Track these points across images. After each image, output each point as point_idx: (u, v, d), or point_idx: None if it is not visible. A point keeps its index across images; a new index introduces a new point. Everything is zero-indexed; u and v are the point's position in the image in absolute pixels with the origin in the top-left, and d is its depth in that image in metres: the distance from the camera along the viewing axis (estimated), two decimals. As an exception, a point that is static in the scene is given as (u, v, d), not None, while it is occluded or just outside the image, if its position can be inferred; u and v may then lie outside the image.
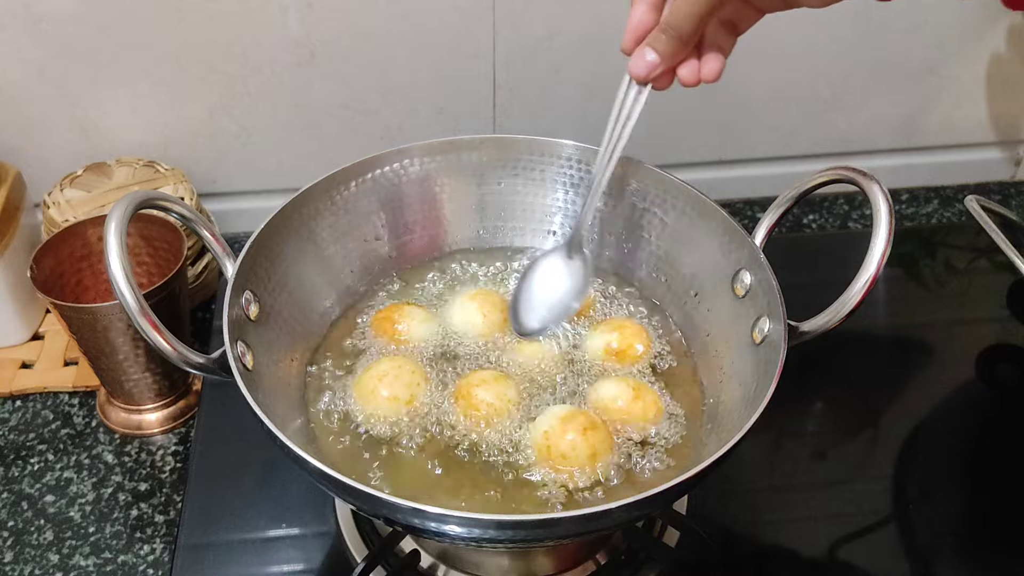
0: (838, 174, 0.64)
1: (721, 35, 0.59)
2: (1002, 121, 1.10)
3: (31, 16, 0.85)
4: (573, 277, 0.69)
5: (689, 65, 0.59)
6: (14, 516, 0.75)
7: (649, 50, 0.57)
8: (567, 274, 0.69)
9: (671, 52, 0.57)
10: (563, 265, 0.70)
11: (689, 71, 0.59)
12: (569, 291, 0.69)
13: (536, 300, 0.70)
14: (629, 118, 0.62)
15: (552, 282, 0.70)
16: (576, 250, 0.69)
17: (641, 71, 0.58)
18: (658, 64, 0.58)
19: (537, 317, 0.69)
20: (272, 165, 0.99)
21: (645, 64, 0.58)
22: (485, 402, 0.64)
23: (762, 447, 0.78)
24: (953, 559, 0.73)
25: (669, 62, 0.58)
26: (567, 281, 0.69)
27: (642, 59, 0.58)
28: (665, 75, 0.59)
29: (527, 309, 0.70)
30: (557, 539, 0.58)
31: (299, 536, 0.71)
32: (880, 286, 0.94)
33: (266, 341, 0.65)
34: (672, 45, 0.57)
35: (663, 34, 0.57)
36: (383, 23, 0.90)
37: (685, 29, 0.55)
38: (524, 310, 0.70)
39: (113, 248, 0.55)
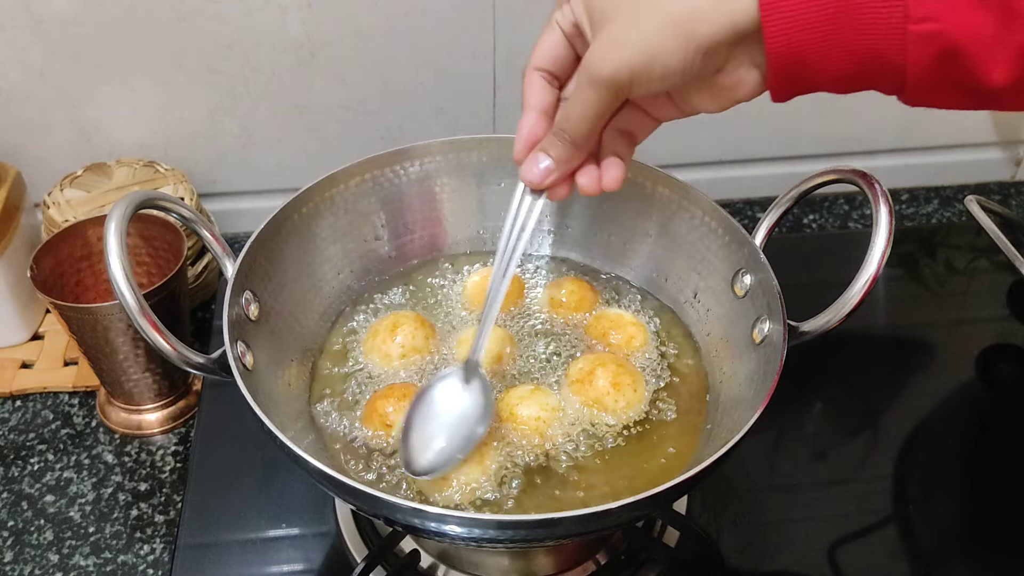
0: (838, 174, 0.64)
1: (619, 143, 0.56)
2: (1002, 121, 1.10)
3: (31, 16, 0.85)
4: (474, 401, 0.62)
5: (588, 172, 0.56)
6: (14, 516, 0.75)
7: (543, 155, 0.54)
8: (467, 399, 0.62)
9: (565, 157, 0.54)
10: (461, 390, 0.62)
11: (588, 179, 0.56)
12: (472, 416, 0.61)
13: (435, 432, 0.61)
14: (524, 228, 0.58)
15: (451, 410, 0.62)
16: (473, 373, 0.62)
17: (535, 178, 0.55)
18: (552, 170, 0.54)
19: (436, 452, 0.60)
20: (272, 165, 0.99)
21: (540, 171, 0.55)
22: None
23: (762, 447, 0.78)
24: (953, 559, 0.73)
25: (564, 168, 0.55)
26: (468, 406, 0.62)
27: (535, 165, 0.55)
28: (562, 182, 0.56)
29: (423, 445, 0.61)
30: (557, 539, 0.58)
31: (299, 536, 0.71)
32: (880, 286, 0.94)
33: (266, 341, 0.65)
34: (566, 150, 0.54)
35: (557, 138, 0.54)
36: (383, 23, 0.90)
37: (579, 133, 0.52)
38: (419, 447, 0.61)
39: (113, 248, 0.56)
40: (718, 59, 0.47)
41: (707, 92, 0.50)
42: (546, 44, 0.54)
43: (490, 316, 0.60)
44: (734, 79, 0.49)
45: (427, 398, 0.62)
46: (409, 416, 0.62)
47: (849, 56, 0.45)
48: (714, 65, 0.48)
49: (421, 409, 0.62)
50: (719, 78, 0.49)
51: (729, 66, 0.48)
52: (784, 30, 0.45)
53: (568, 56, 0.54)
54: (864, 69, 0.46)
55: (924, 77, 0.45)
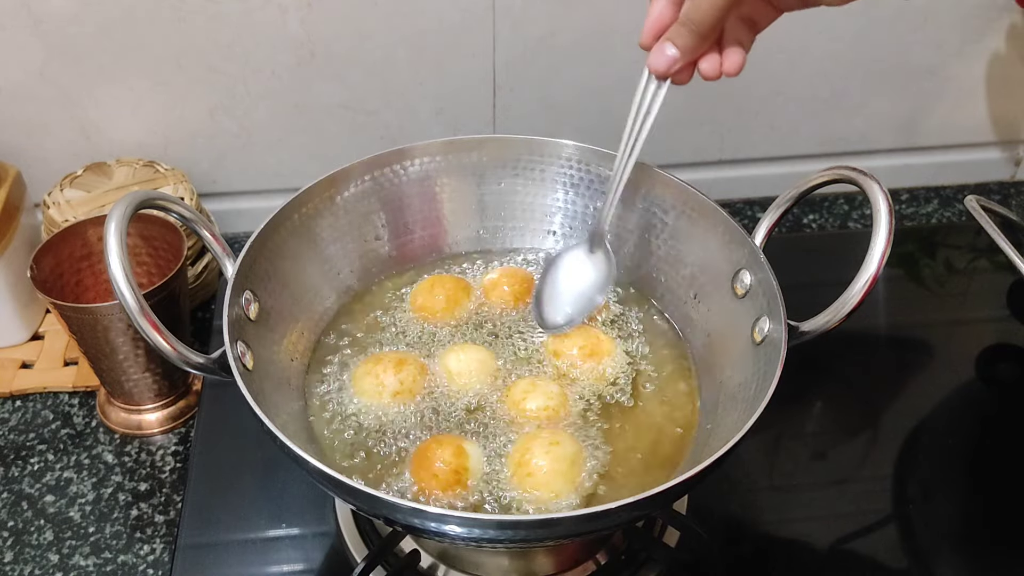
0: (838, 174, 0.64)
1: (741, 31, 0.59)
2: (1002, 121, 1.10)
3: (31, 16, 0.85)
4: (596, 271, 0.70)
5: (710, 59, 0.59)
6: (14, 516, 0.75)
7: (669, 45, 0.57)
8: (590, 268, 0.70)
9: (692, 47, 0.57)
10: (586, 259, 0.70)
11: (710, 65, 0.59)
12: (592, 284, 0.70)
13: (560, 294, 0.70)
14: (649, 113, 0.62)
15: (575, 276, 0.70)
16: (598, 244, 0.70)
17: (661, 66, 0.58)
18: (678, 59, 0.58)
19: (562, 311, 0.70)
20: (272, 165, 0.99)
21: (666, 59, 0.58)
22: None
23: (762, 447, 0.78)
24: (953, 559, 0.73)
25: (689, 56, 0.58)
26: (590, 275, 0.70)
27: (662, 54, 0.58)
28: (685, 70, 0.59)
29: (551, 303, 0.70)
30: (557, 539, 0.58)
31: (299, 536, 0.71)
32: (880, 286, 0.94)
33: (266, 341, 0.65)
34: (693, 40, 0.57)
35: (684, 28, 0.56)
36: (383, 23, 0.90)
37: (706, 24, 0.55)
38: (548, 304, 0.70)
39: (113, 248, 0.55)
40: None
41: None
42: None
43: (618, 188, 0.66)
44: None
45: (557, 264, 0.71)
46: (542, 279, 0.71)
47: None
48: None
49: (552, 274, 0.71)
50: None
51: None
52: None
53: None
54: None
55: None
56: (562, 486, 0.60)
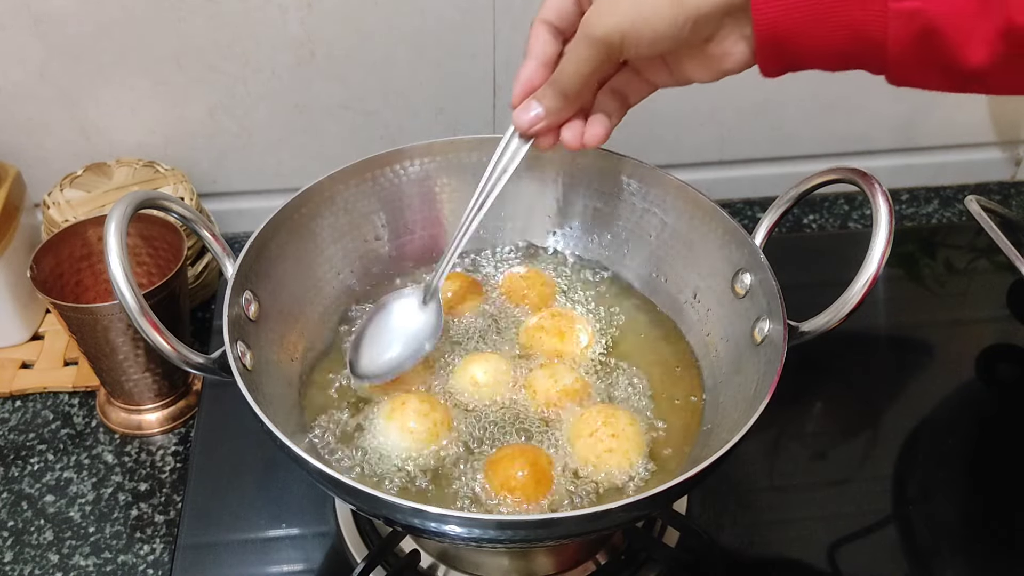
0: (838, 174, 0.64)
1: (610, 103, 0.59)
2: (1002, 121, 1.10)
3: (31, 16, 0.85)
4: (427, 320, 0.67)
5: (573, 127, 0.59)
6: (14, 516, 0.75)
7: (535, 103, 0.58)
8: (421, 316, 0.67)
9: (556, 108, 0.57)
10: (418, 308, 0.68)
11: (572, 133, 0.59)
12: (422, 331, 0.67)
13: (387, 338, 0.67)
14: (505, 171, 0.62)
15: (404, 323, 0.67)
16: (432, 297, 0.67)
17: (525, 124, 0.58)
18: (542, 118, 0.58)
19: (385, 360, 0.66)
20: (272, 165, 0.99)
21: (529, 118, 0.58)
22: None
23: (762, 447, 0.78)
24: (953, 559, 0.73)
25: (554, 117, 0.58)
26: (420, 323, 0.67)
27: (527, 112, 0.58)
28: (550, 133, 0.59)
29: (374, 352, 0.66)
30: (557, 539, 0.58)
31: (299, 536, 0.71)
32: (880, 286, 0.94)
33: (266, 341, 0.65)
34: (557, 101, 0.57)
35: (550, 89, 0.57)
36: (383, 23, 0.90)
37: (570, 86, 0.55)
38: (370, 353, 0.66)
39: (113, 248, 0.56)
40: (708, 28, 0.50)
41: (698, 60, 0.53)
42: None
43: (456, 247, 0.65)
44: (723, 49, 0.51)
45: (385, 310, 0.68)
46: (365, 324, 0.67)
47: (834, 33, 0.47)
48: (704, 34, 0.50)
49: (378, 319, 0.68)
50: (709, 47, 0.51)
51: (719, 36, 0.50)
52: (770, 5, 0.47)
53: (574, 12, 0.57)
54: (849, 47, 0.47)
55: (905, 56, 0.46)
56: (636, 451, 0.62)
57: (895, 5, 0.44)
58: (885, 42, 0.46)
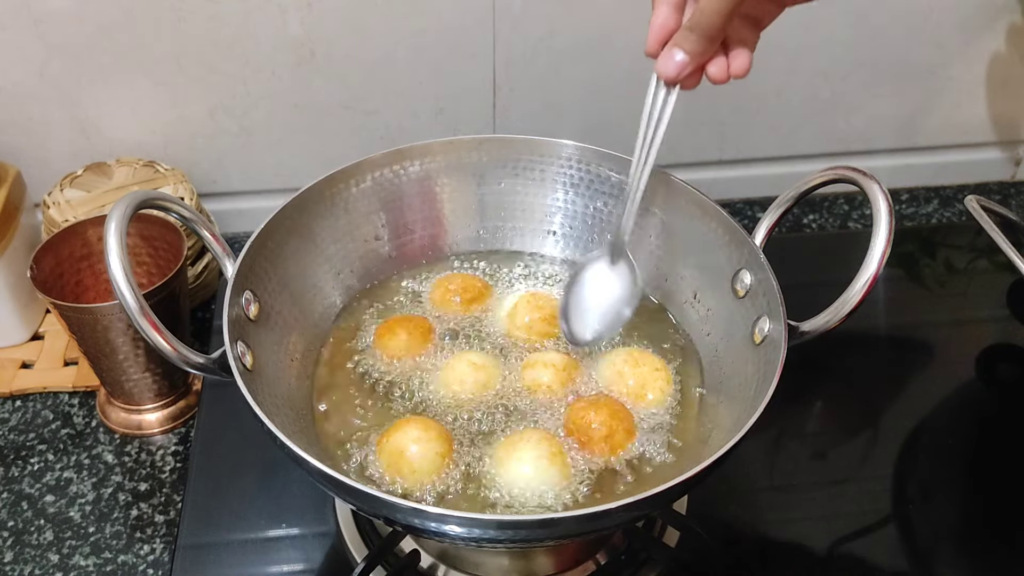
0: (838, 174, 0.64)
1: (745, 30, 0.59)
2: (1002, 121, 1.10)
3: (31, 16, 0.85)
4: (621, 283, 0.68)
5: (717, 62, 0.58)
6: (14, 516, 0.75)
7: (677, 50, 0.57)
8: (615, 281, 0.68)
9: (700, 51, 0.57)
10: (608, 271, 0.69)
11: (718, 68, 0.58)
12: (619, 298, 0.68)
13: (588, 309, 0.69)
14: (661, 120, 0.61)
15: (601, 290, 0.69)
16: (619, 255, 0.68)
17: (671, 71, 0.58)
18: (687, 64, 0.57)
19: (591, 328, 0.69)
20: (272, 165, 0.99)
21: (675, 64, 0.58)
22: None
23: (762, 447, 0.78)
24: (953, 559, 0.73)
25: (698, 61, 0.57)
26: (615, 288, 0.68)
27: (671, 59, 0.57)
28: (694, 74, 0.59)
29: (580, 320, 0.69)
30: (557, 539, 0.58)
31: (299, 536, 0.71)
32: (880, 286, 0.94)
33: (266, 341, 0.65)
34: (701, 44, 0.56)
35: (691, 32, 0.56)
36: (383, 23, 0.90)
37: (713, 27, 0.55)
38: (577, 321, 0.69)
39: (113, 248, 0.55)
40: None
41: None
42: None
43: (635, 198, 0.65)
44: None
45: (579, 280, 0.69)
46: (565, 297, 0.69)
47: None
48: None
49: (575, 291, 0.69)
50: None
51: None
52: None
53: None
54: None
55: None
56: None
57: None
58: None
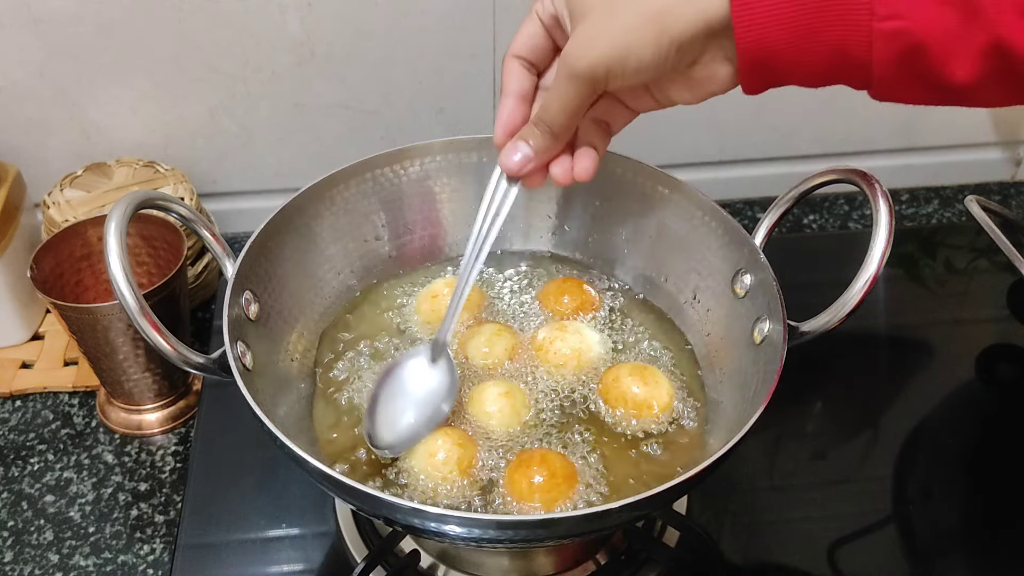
0: (838, 174, 0.64)
1: (594, 134, 0.57)
2: (1002, 121, 1.10)
3: (31, 16, 0.85)
4: (440, 381, 0.63)
5: (561, 162, 0.57)
6: (14, 516, 0.75)
7: (522, 144, 0.56)
8: (434, 378, 0.64)
9: (544, 147, 0.55)
10: (428, 368, 0.64)
11: (562, 169, 0.57)
12: (437, 393, 0.63)
13: (401, 409, 0.63)
14: (498, 214, 0.59)
15: (418, 388, 0.63)
16: (440, 353, 0.64)
17: (513, 166, 0.56)
18: (531, 159, 0.56)
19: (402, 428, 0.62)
20: (272, 165, 0.99)
21: (518, 159, 0.56)
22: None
23: (762, 447, 0.78)
24: (953, 559, 0.73)
25: (542, 157, 0.56)
26: (434, 384, 0.63)
27: (514, 153, 0.56)
28: (538, 172, 0.57)
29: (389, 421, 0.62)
30: (557, 539, 0.58)
31: (299, 536, 0.71)
32: (880, 286, 0.94)
33: (266, 341, 0.65)
34: (545, 140, 0.55)
35: (536, 128, 0.55)
36: (383, 23, 0.90)
37: (556, 123, 0.54)
38: (385, 422, 0.62)
39: (113, 248, 0.56)
40: (692, 53, 0.49)
41: (682, 84, 0.52)
42: (525, 33, 0.56)
43: (459, 300, 0.61)
44: (708, 72, 0.50)
45: (395, 375, 0.64)
46: (376, 392, 0.63)
47: (817, 53, 0.46)
48: (688, 59, 0.49)
49: (389, 386, 0.63)
50: (693, 71, 0.50)
51: (703, 60, 0.49)
52: (754, 27, 0.46)
53: (547, 46, 0.56)
54: (832, 65, 0.47)
55: (890, 73, 0.46)
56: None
57: (879, 25, 0.44)
58: (869, 61, 0.45)
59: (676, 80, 0.51)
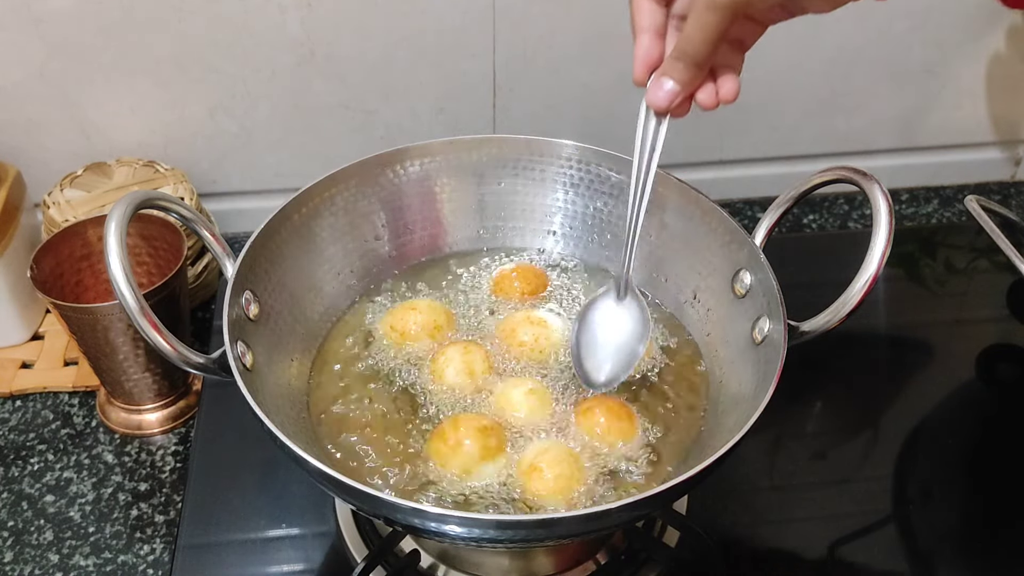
0: (838, 174, 0.64)
1: (730, 55, 0.57)
2: (1002, 121, 1.10)
3: (31, 16, 0.85)
4: (631, 320, 0.66)
5: (706, 89, 0.57)
6: (14, 516, 0.75)
7: (667, 79, 0.56)
8: (625, 317, 0.66)
9: (689, 79, 0.56)
10: (616, 307, 0.67)
11: (707, 95, 0.58)
12: (630, 335, 0.66)
13: (600, 350, 0.66)
14: (654, 150, 0.60)
15: (612, 328, 0.67)
16: (627, 290, 0.66)
17: (662, 101, 0.57)
18: (677, 93, 0.56)
19: (605, 369, 0.66)
20: (272, 165, 0.99)
21: (665, 94, 0.57)
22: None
23: (762, 447, 0.78)
24: (953, 559, 0.73)
25: (688, 89, 0.57)
26: (627, 325, 0.66)
27: (661, 89, 0.57)
28: (684, 103, 0.58)
29: (593, 361, 0.66)
30: (557, 539, 0.58)
31: (299, 536, 0.71)
32: (880, 286, 0.94)
33: (266, 341, 0.65)
34: (689, 72, 0.56)
35: (679, 61, 0.55)
36: (383, 23, 0.90)
37: (700, 54, 0.54)
38: (590, 362, 0.66)
39: (113, 248, 0.55)
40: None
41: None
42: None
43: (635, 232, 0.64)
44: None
45: (588, 319, 0.67)
46: (576, 339, 0.67)
47: None
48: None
49: (586, 331, 0.67)
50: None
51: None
52: None
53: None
54: None
55: None
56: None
57: None
58: None
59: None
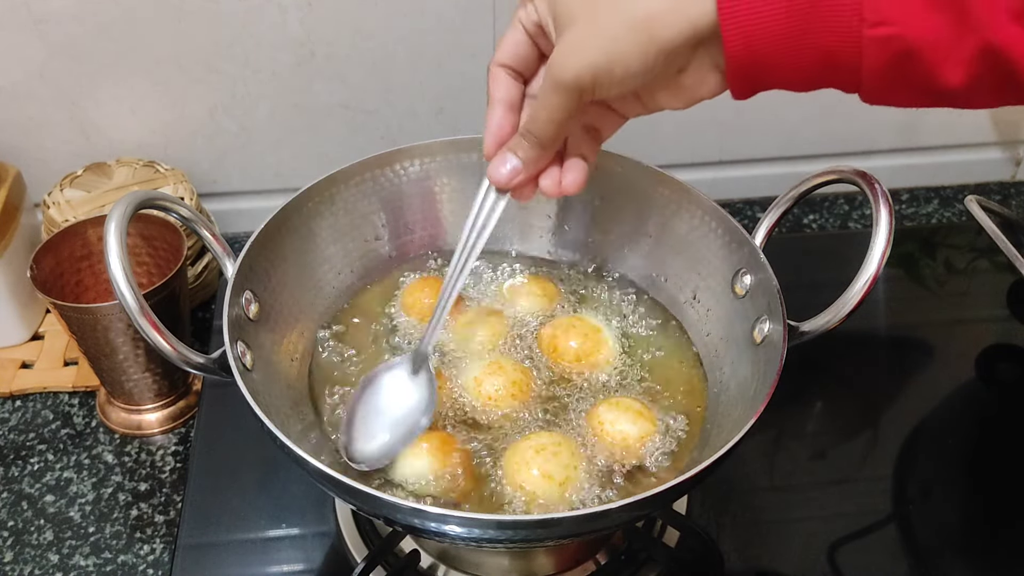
0: (838, 174, 0.64)
1: (584, 142, 0.56)
2: (1002, 121, 1.10)
3: (31, 16, 0.85)
4: (419, 393, 0.62)
5: (550, 174, 0.56)
6: (14, 516, 0.75)
7: (511, 156, 0.54)
8: (412, 390, 0.62)
9: (533, 158, 0.54)
10: (408, 380, 0.63)
11: (551, 180, 0.56)
12: (415, 407, 0.62)
13: (379, 420, 0.62)
14: (485, 227, 0.58)
15: (397, 399, 0.62)
16: (420, 365, 0.63)
17: (503, 178, 0.55)
18: (520, 170, 0.54)
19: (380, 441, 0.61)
20: (272, 165, 0.99)
21: (507, 170, 0.55)
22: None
23: (762, 447, 0.78)
24: (953, 559, 0.73)
25: (532, 169, 0.55)
26: (413, 397, 0.62)
27: (504, 165, 0.55)
28: (527, 184, 0.56)
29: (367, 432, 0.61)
30: (557, 539, 0.58)
31: (299, 536, 0.71)
32: (880, 286, 0.94)
33: (266, 341, 0.65)
34: (534, 151, 0.54)
35: (524, 139, 0.53)
36: (383, 23, 0.90)
37: (545, 134, 0.52)
38: (362, 434, 0.61)
39: (113, 248, 0.56)
40: (679, 61, 0.48)
41: (670, 91, 0.51)
42: (510, 41, 0.55)
43: (443, 311, 0.61)
44: (696, 79, 0.49)
45: (374, 387, 0.63)
46: (354, 404, 0.62)
47: (806, 58, 0.45)
48: (675, 66, 0.48)
49: (366, 398, 0.63)
50: (681, 78, 0.49)
51: (691, 67, 0.49)
52: (742, 33, 0.45)
53: (531, 54, 0.55)
54: (821, 70, 0.46)
55: (880, 79, 0.45)
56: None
57: (869, 32, 0.43)
58: (859, 67, 0.44)
59: (664, 87, 0.50)
